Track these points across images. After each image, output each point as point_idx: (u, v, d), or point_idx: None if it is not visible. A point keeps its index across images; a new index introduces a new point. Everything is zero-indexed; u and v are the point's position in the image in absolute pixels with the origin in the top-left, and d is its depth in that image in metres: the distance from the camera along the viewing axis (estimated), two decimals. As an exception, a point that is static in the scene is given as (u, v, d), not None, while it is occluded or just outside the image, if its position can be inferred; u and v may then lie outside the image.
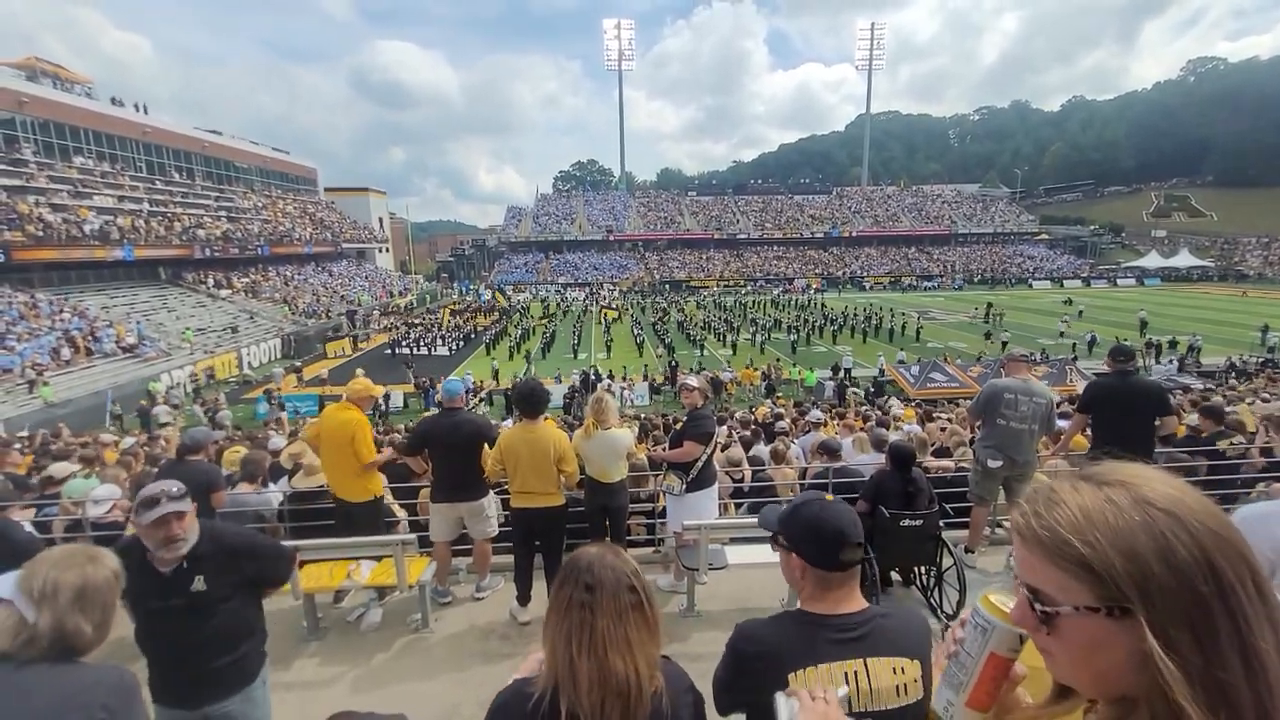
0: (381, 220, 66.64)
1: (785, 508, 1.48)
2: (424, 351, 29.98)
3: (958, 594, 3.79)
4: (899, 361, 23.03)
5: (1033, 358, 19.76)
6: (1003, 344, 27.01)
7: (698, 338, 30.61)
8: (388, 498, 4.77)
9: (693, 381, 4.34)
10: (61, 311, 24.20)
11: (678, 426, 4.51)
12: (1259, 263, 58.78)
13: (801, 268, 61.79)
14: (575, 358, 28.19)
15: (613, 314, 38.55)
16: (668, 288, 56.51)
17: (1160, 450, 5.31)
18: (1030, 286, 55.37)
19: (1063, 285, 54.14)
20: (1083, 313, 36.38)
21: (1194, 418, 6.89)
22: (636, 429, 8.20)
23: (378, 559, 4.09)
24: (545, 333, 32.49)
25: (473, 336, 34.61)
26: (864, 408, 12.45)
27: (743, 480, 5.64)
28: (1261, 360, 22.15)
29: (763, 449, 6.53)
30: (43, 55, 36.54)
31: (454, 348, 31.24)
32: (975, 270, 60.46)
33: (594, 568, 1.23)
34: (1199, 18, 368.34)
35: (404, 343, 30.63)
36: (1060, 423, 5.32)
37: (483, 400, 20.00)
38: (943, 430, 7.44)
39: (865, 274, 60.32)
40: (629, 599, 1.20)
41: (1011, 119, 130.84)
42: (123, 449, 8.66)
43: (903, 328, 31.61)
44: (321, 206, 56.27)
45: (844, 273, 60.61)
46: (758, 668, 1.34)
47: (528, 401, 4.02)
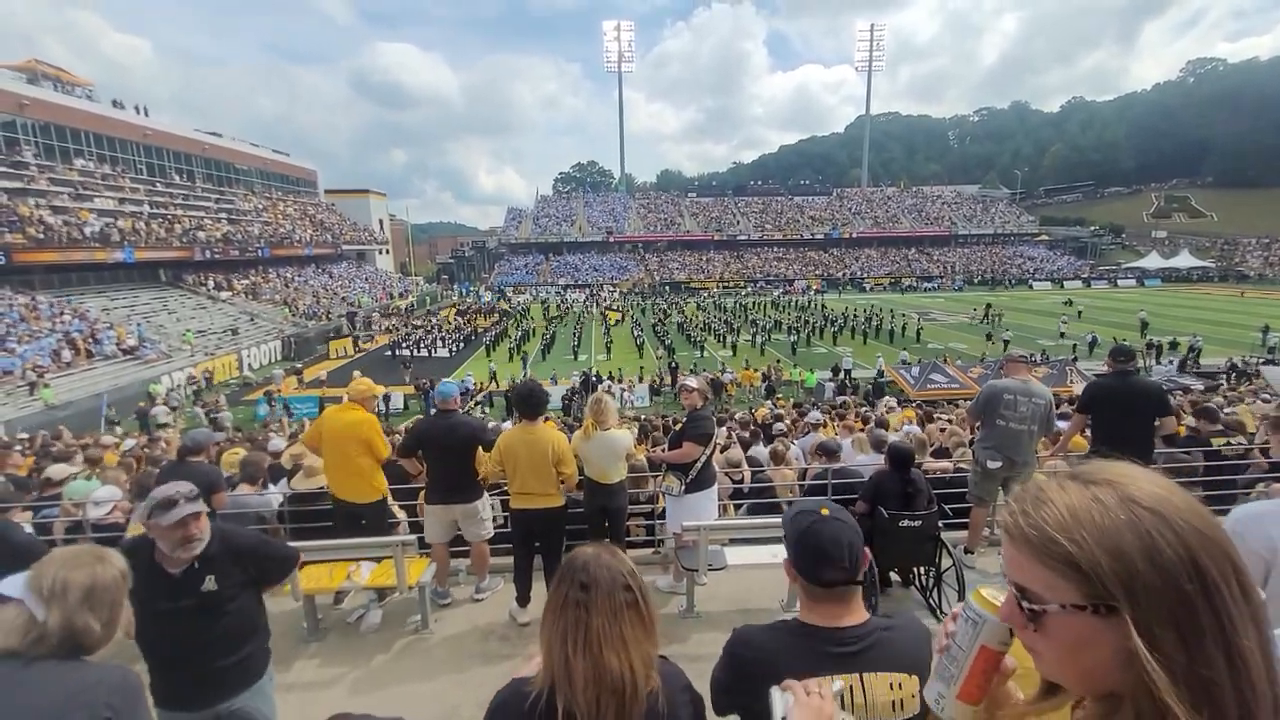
0: (381, 222, 66.73)
1: (791, 507, 1.47)
2: (424, 353, 30.02)
3: (957, 595, 3.80)
4: (902, 362, 23.03)
5: (1032, 359, 19.80)
6: (1004, 344, 27.03)
7: (698, 339, 30.63)
8: (388, 499, 4.77)
9: (692, 383, 4.34)
10: (62, 313, 24.24)
11: (677, 428, 4.51)
12: (1259, 263, 58.78)
13: (801, 269, 61.84)
14: (575, 359, 28.20)
15: (615, 315, 38.45)
16: (668, 289, 56.53)
17: (1160, 451, 5.31)
18: (1030, 287, 55.39)
19: (1063, 286, 54.13)
20: (1082, 313, 36.40)
21: (1192, 418, 6.91)
22: (636, 430, 8.20)
23: (377, 560, 4.09)
24: (546, 334, 32.50)
25: (473, 338, 34.63)
26: (863, 408, 12.44)
27: (742, 481, 5.64)
28: (1262, 361, 22.13)
29: (762, 450, 6.53)
30: (43, 58, 36.64)
31: (454, 349, 31.27)
32: (975, 271, 60.49)
33: (589, 567, 1.24)
34: (1199, 18, 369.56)
35: (404, 344, 30.66)
36: (1060, 423, 5.33)
37: (479, 403, 19.93)
38: (942, 431, 7.44)
39: (865, 275, 60.34)
40: (624, 597, 1.21)
41: (1011, 120, 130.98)
42: (123, 450, 8.67)
43: (903, 329, 31.61)
44: (322, 208, 56.33)
45: (844, 274, 60.63)
46: (754, 674, 1.33)
47: (527, 403, 4.04)
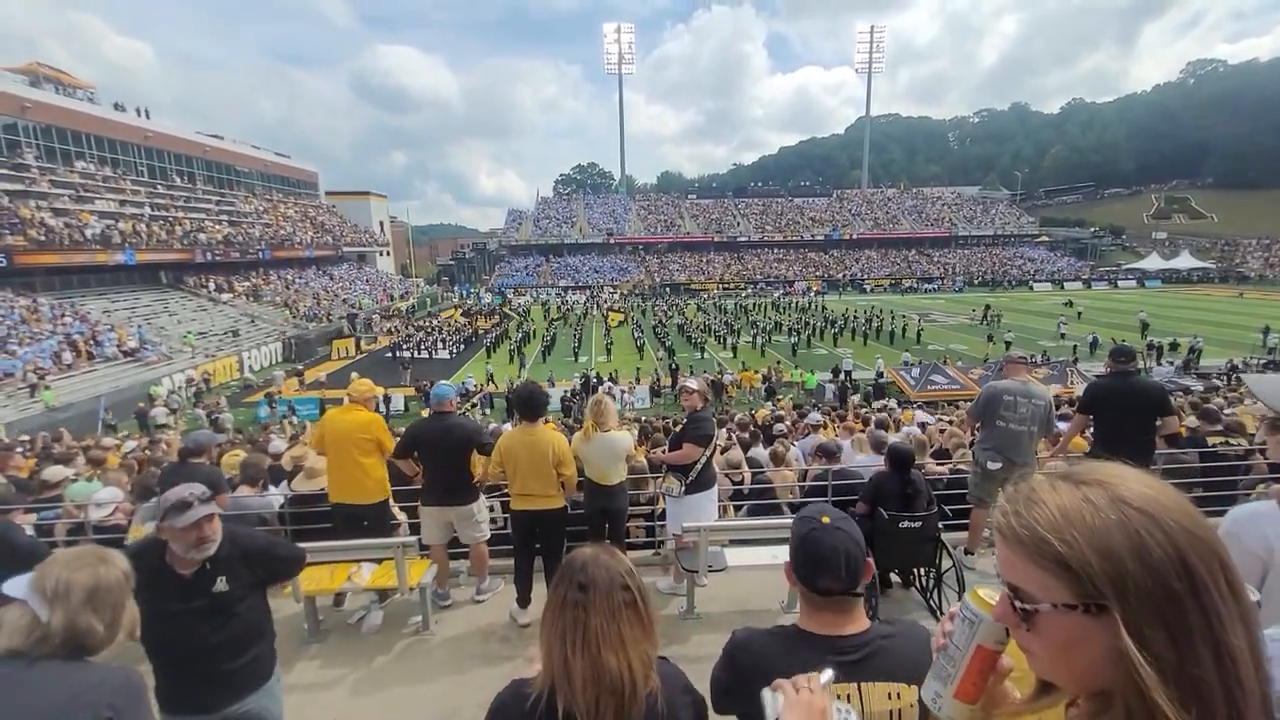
0: (382, 224, 66.85)
1: (799, 511, 1.47)
2: (424, 355, 30.05)
3: (957, 596, 3.79)
4: (904, 363, 23.02)
5: (1033, 360, 19.80)
6: (1006, 344, 27.04)
7: (698, 340, 30.64)
8: (390, 500, 4.78)
9: (692, 384, 4.35)
10: (63, 315, 24.26)
11: (677, 429, 4.51)
12: (1259, 264, 58.74)
13: (802, 270, 61.82)
14: (576, 361, 28.20)
15: (618, 316, 38.37)
16: (668, 290, 56.52)
17: (1161, 451, 5.31)
18: (1031, 289, 55.36)
19: (1063, 287, 54.10)
20: (1081, 314, 36.39)
21: (1193, 419, 6.92)
22: (636, 431, 8.20)
23: (378, 562, 4.10)
24: (546, 336, 32.50)
25: (473, 340, 34.65)
26: (863, 410, 12.44)
27: (742, 483, 5.64)
28: (1263, 362, 22.13)
29: (762, 452, 6.54)
30: (45, 61, 36.76)
31: (454, 351, 31.29)
32: (976, 272, 60.43)
33: (588, 567, 1.24)
34: (1198, 20, 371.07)
35: (404, 346, 30.70)
36: (1060, 424, 5.33)
37: (474, 405, 19.86)
38: (942, 432, 7.45)
39: (865, 276, 60.30)
40: (622, 598, 1.21)
41: (1011, 121, 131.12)
42: (124, 452, 8.68)
43: (903, 330, 31.61)
44: (322, 210, 56.40)
45: (844, 275, 60.61)
46: (753, 680, 1.31)
47: (527, 404, 4.05)
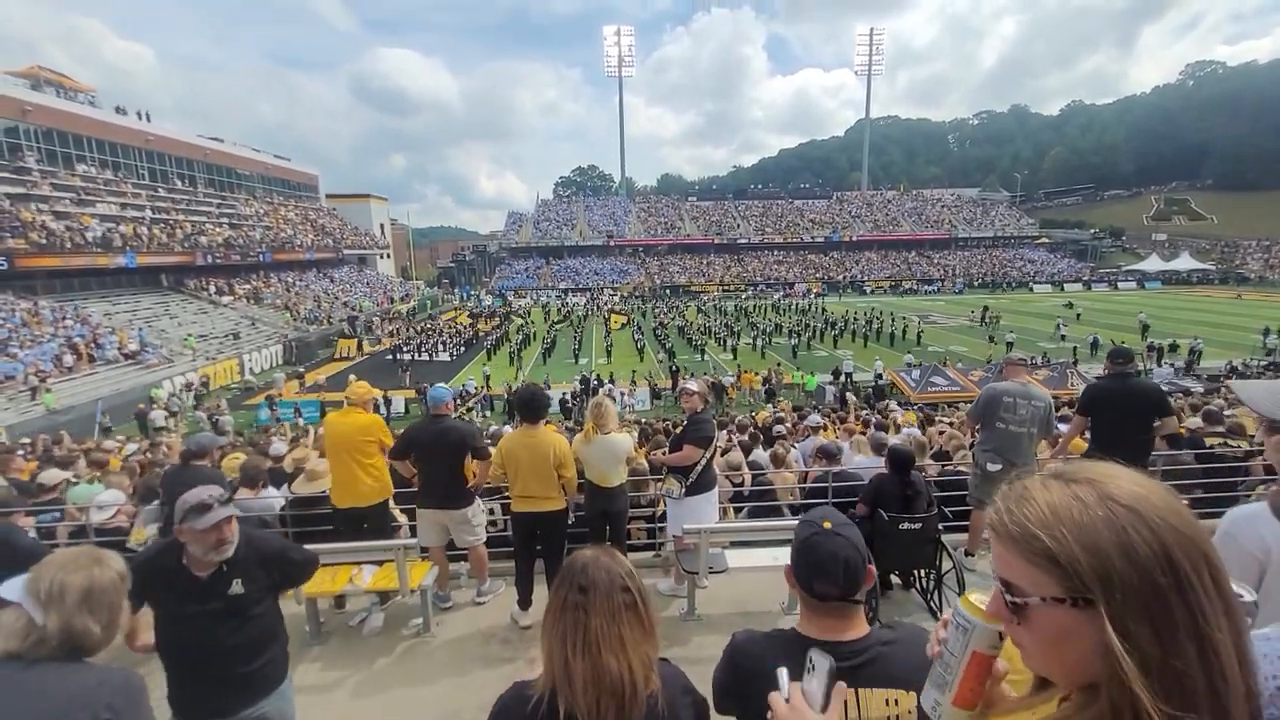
0: (383, 226, 66.86)
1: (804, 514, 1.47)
2: (424, 357, 30.06)
3: (957, 597, 3.79)
4: (907, 364, 23.04)
5: (1033, 361, 19.80)
6: (1008, 345, 27.04)
7: (699, 342, 30.65)
8: (390, 502, 4.79)
9: (693, 386, 4.36)
10: (64, 318, 24.30)
11: (678, 431, 4.52)
12: (1260, 266, 58.75)
13: (802, 272, 61.86)
14: (576, 363, 28.22)
15: (620, 318, 38.25)
16: (668, 292, 56.55)
17: (1161, 453, 5.32)
18: (1031, 290, 55.37)
19: (1063, 289, 54.12)
20: (1080, 315, 36.38)
21: (1196, 420, 6.92)
22: (637, 433, 8.20)
23: (379, 564, 4.10)
24: (547, 338, 32.51)
25: (473, 342, 34.67)
26: (864, 411, 12.45)
27: (742, 484, 5.65)
28: (1264, 364, 22.11)
29: (762, 453, 6.54)
30: (46, 64, 36.91)
31: (454, 354, 31.31)
32: (976, 274, 60.44)
33: (588, 569, 1.25)
34: (1197, 22, 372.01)
35: (405, 348, 30.73)
36: (1060, 426, 5.34)
37: (471, 409, 19.78)
38: (941, 434, 7.45)
39: (865, 278, 60.33)
40: (622, 599, 1.22)
41: (1011, 123, 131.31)
42: (125, 455, 8.69)
43: (903, 332, 31.61)
44: (323, 213, 56.47)
45: (844, 277, 60.65)
46: (752, 680, 1.32)
47: (529, 406, 4.07)
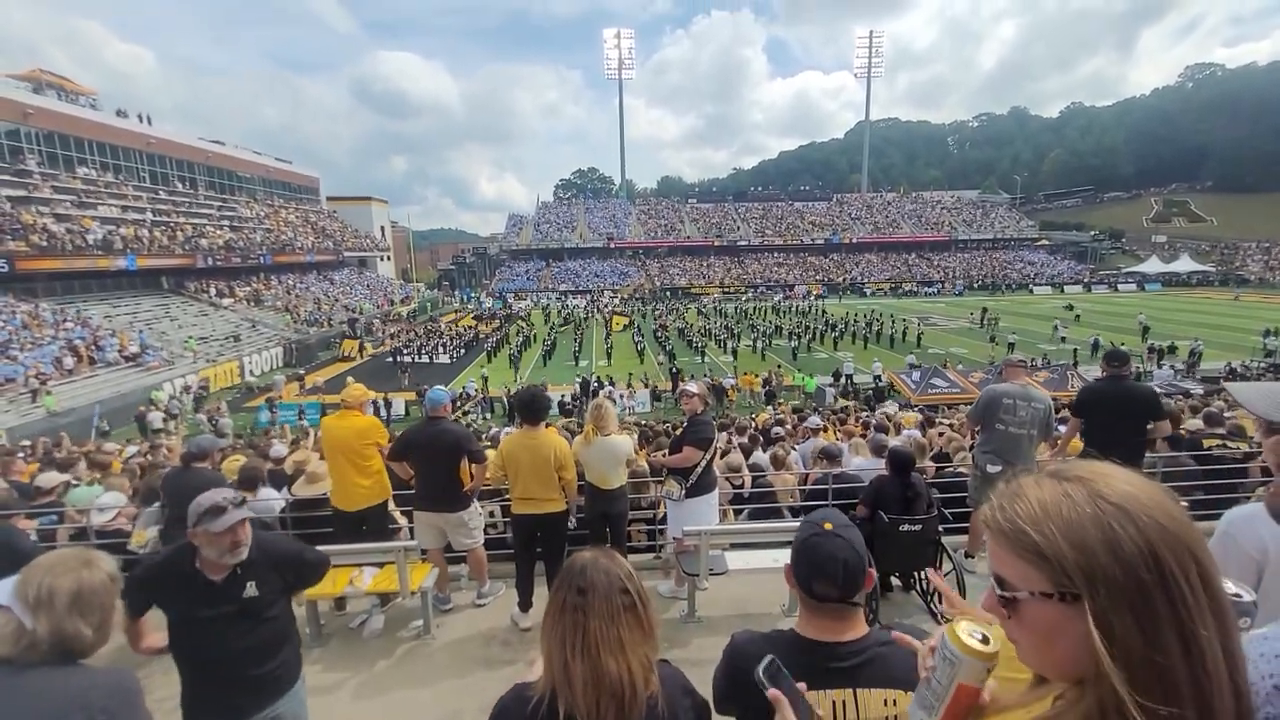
0: (383, 229, 66.96)
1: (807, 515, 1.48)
2: (425, 359, 30.08)
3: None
4: (909, 365, 23.02)
5: (1033, 363, 19.80)
6: (1009, 346, 27.03)
7: (699, 344, 30.64)
8: (390, 504, 4.79)
9: (692, 388, 4.37)
10: (65, 321, 24.32)
11: (678, 433, 4.53)
12: (1259, 267, 58.81)
13: (802, 274, 61.90)
14: (576, 365, 28.22)
15: (622, 320, 38.14)
16: (668, 294, 56.56)
17: (1160, 455, 5.33)
18: (1031, 292, 55.38)
19: (1063, 291, 54.12)
20: (1080, 317, 36.37)
21: (1197, 422, 6.93)
22: (637, 435, 8.20)
23: (380, 566, 4.11)
24: (547, 340, 32.51)
25: (474, 344, 34.67)
26: (864, 413, 12.45)
27: (743, 486, 5.66)
28: (1264, 365, 22.10)
29: (762, 455, 6.55)
30: (47, 67, 36.93)
31: (455, 356, 31.31)
32: (976, 276, 60.47)
33: (587, 571, 1.25)
34: (1196, 24, 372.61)
35: (405, 350, 30.75)
36: (1060, 427, 5.34)
37: (468, 412, 19.73)
38: (941, 436, 7.46)
39: (866, 280, 60.39)
40: (621, 601, 1.22)
41: (1011, 125, 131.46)
42: (126, 457, 8.69)
43: (904, 333, 31.59)
44: (323, 215, 56.54)
45: (844, 279, 60.69)
46: (751, 685, 1.30)
47: (529, 408, 4.08)
